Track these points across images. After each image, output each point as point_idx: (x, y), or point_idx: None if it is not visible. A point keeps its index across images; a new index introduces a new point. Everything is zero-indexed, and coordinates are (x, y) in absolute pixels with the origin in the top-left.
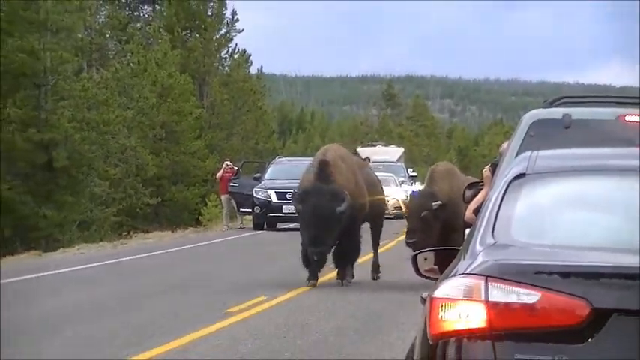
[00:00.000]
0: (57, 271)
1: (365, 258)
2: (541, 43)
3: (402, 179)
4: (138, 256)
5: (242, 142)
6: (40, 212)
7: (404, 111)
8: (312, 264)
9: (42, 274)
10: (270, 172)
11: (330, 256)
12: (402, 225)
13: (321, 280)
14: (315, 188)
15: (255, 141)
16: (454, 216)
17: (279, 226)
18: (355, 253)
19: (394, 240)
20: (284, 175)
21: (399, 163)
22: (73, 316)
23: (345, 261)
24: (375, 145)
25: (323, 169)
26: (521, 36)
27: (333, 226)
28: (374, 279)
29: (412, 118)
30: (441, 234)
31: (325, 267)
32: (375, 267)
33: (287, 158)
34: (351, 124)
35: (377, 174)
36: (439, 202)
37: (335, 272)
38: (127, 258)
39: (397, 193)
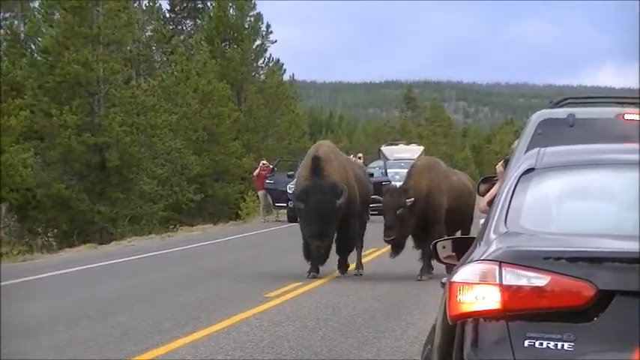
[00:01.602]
0: (111, 262)
1: (381, 251)
2: (547, 50)
3: None
4: (184, 247)
5: (276, 142)
6: (95, 208)
7: (422, 113)
8: (316, 258)
9: (97, 264)
10: None
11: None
12: None
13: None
14: (314, 185)
15: (288, 141)
16: (432, 208)
17: None
18: (351, 243)
19: None
20: None
21: None
22: (127, 301)
23: (343, 252)
24: (397, 144)
25: (316, 164)
26: (529, 44)
27: (334, 220)
28: (358, 274)
29: (430, 120)
30: (420, 225)
31: (349, 258)
32: (358, 264)
33: None
34: (374, 125)
35: (399, 170)
36: (412, 199)
37: (354, 263)
38: (174, 249)
39: None
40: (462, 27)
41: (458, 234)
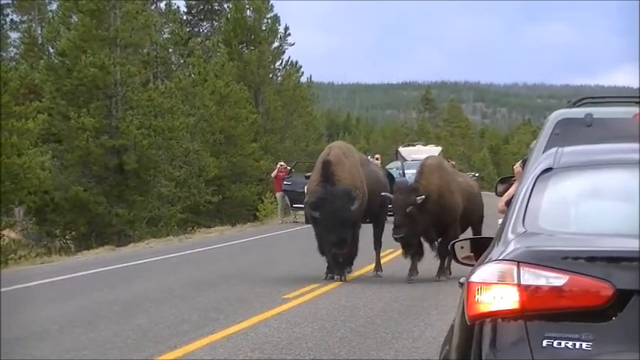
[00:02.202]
0: (129, 264)
1: (399, 252)
2: (564, 50)
3: None
4: (201, 249)
5: (294, 144)
6: (113, 211)
7: (440, 114)
8: (339, 264)
9: (115, 266)
10: None
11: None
12: None
13: (366, 269)
14: (327, 193)
15: (305, 143)
16: (447, 209)
17: None
18: (355, 247)
19: None
20: None
21: None
22: (145, 303)
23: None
24: (414, 145)
25: (326, 169)
26: (547, 45)
27: (350, 225)
28: (377, 276)
29: (447, 121)
30: (435, 226)
31: (366, 259)
32: (377, 265)
33: None
34: (392, 126)
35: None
36: (423, 197)
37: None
38: (192, 251)
39: None
40: (479, 28)
41: (467, 234)
